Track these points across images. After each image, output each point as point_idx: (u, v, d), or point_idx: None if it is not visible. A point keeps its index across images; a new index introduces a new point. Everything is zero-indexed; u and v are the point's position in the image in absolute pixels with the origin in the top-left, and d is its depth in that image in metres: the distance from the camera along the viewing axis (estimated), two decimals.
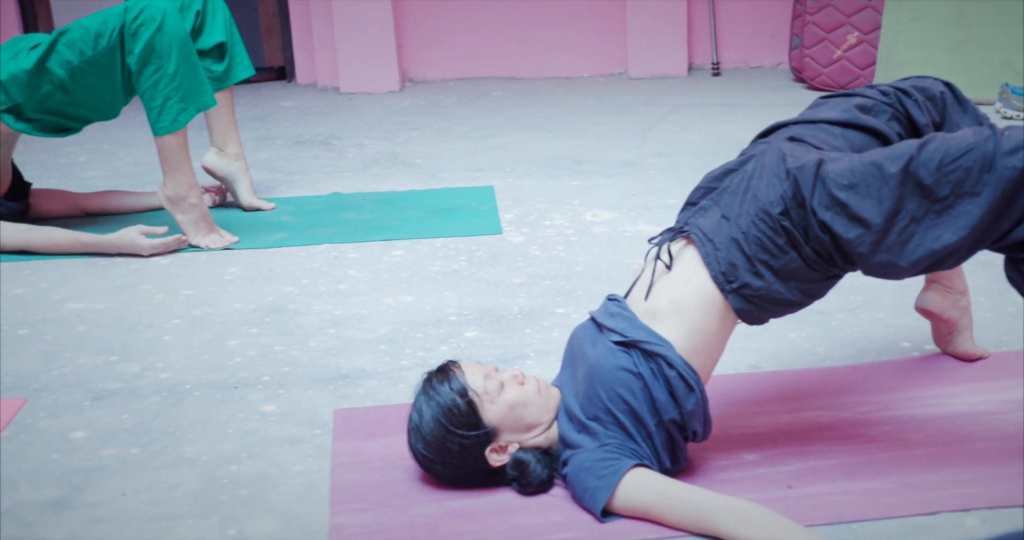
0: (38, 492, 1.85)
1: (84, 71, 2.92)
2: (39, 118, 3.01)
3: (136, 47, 2.88)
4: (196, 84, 2.98)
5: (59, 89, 2.94)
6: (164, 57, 2.89)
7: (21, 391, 2.23)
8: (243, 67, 3.32)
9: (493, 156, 3.95)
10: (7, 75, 2.93)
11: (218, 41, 3.24)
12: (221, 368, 2.31)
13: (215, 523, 1.75)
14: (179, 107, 2.94)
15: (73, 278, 2.86)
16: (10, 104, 2.96)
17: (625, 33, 5.14)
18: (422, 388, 1.81)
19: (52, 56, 2.91)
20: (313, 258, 2.97)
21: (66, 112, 3.04)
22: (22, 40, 3.04)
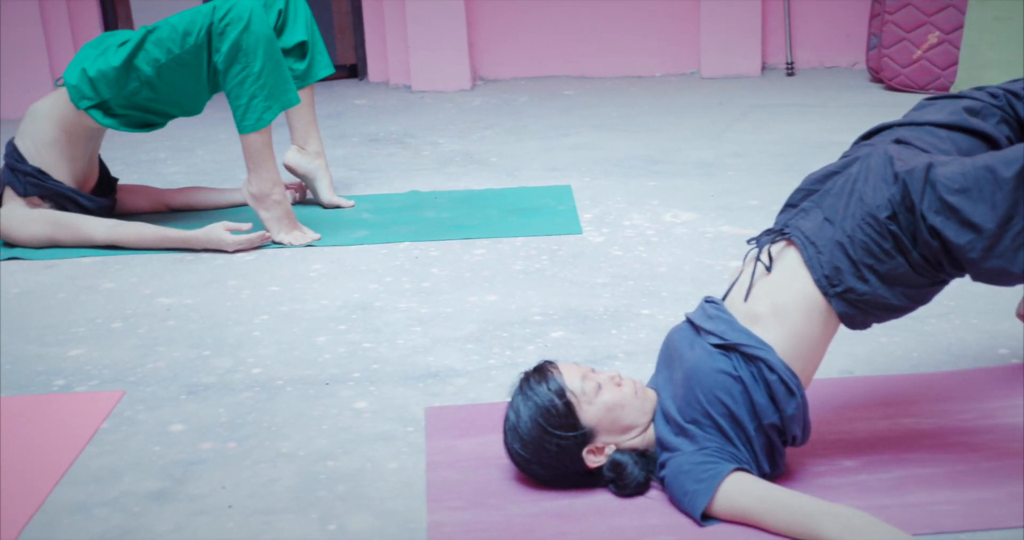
0: (141, 483, 1.88)
1: (171, 69, 2.97)
2: (126, 114, 3.07)
3: (223, 46, 2.92)
4: (281, 82, 3.01)
5: (146, 86, 3.00)
6: (250, 56, 2.93)
7: (119, 384, 2.27)
8: (323, 65, 3.35)
9: (568, 155, 3.95)
10: (96, 72, 2.99)
11: (300, 40, 3.28)
12: (311, 364, 2.33)
13: (315, 518, 1.77)
14: (264, 105, 2.98)
15: (161, 273, 2.91)
16: (98, 100, 3.02)
17: (698, 32, 5.11)
18: (519, 388, 1.81)
19: (140, 54, 2.97)
20: (395, 256, 2.99)
21: (152, 108, 3.09)
22: (109, 37, 3.10)
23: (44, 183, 3.08)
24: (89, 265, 2.98)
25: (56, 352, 2.42)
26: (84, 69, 3.01)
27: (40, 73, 4.88)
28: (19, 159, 3.07)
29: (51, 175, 3.09)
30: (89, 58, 3.03)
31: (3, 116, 4.87)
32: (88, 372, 2.32)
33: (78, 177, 3.17)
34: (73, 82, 3.02)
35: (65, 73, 3.05)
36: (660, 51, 5.21)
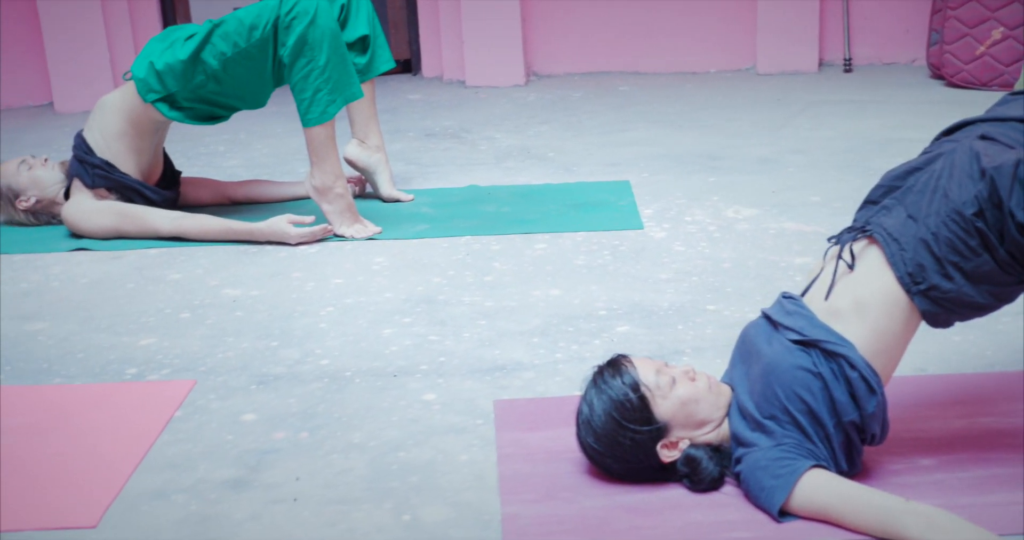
0: (217, 471, 1.90)
1: (237, 62, 3.00)
2: (191, 107, 3.10)
3: (289, 39, 2.94)
4: (345, 76, 3.03)
5: (212, 79, 3.03)
6: (316, 49, 2.95)
7: (189, 373, 2.30)
8: (384, 60, 3.36)
9: (626, 151, 3.94)
10: (163, 65, 3.03)
11: (362, 34, 3.29)
12: (378, 356, 2.34)
13: (389, 509, 1.78)
14: (328, 99, 3.00)
15: (226, 265, 2.94)
16: (165, 93, 3.05)
17: (754, 28, 5.07)
18: (592, 381, 1.81)
19: (207, 47, 3.00)
20: (456, 249, 3.00)
21: (217, 101, 3.12)
22: (175, 30, 3.14)
23: (111, 175, 3.12)
24: (155, 256, 3.01)
25: (127, 341, 2.46)
26: (151, 63, 3.04)
27: (100, 67, 4.95)
28: (87, 151, 3.12)
29: (118, 167, 3.13)
30: (156, 52, 3.06)
31: (62, 110, 4.94)
32: (159, 361, 2.35)
33: (144, 169, 3.20)
34: (140, 75, 3.05)
35: (133, 67, 3.09)
36: (715, 47, 5.17)
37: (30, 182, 3.26)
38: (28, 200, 3.25)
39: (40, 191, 3.26)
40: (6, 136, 4.50)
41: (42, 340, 2.48)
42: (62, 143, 4.31)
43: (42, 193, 3.26)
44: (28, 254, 3.06)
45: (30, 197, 3.25)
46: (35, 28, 4.94)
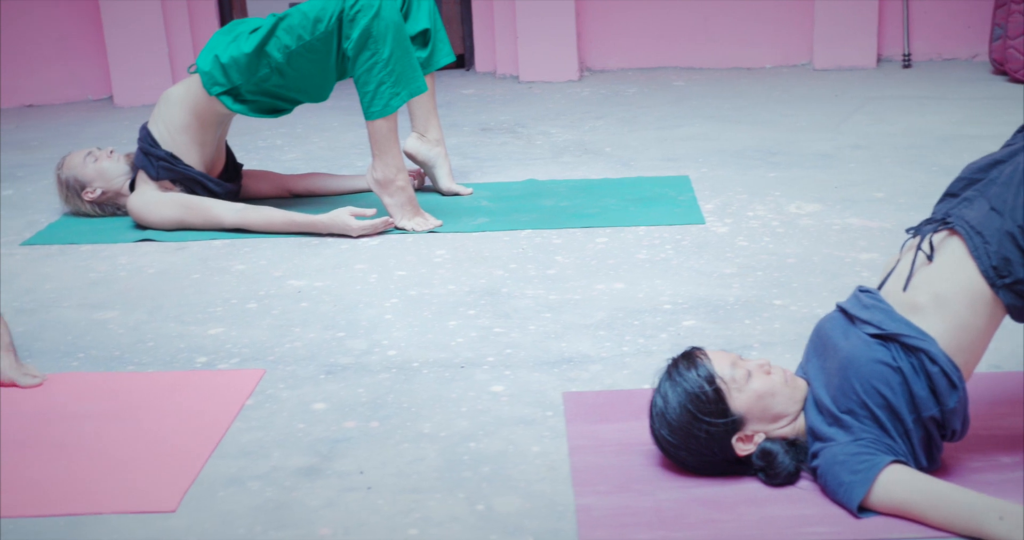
0: (290, 459, 1.92)
1: (301, 55, 3.02)
2: (255, 100, 3.13)
3: (354, 32, 2.96)
4: (409, 70, 3.04)
5: (276, 72, 3.05)
6: (380, 43, 2.96)
7: (258, 362, 2.31)
8: (444, 53, 3.37)
9: (683, 146, 3.92)
10: (228, 58, 3.05)
11: (423, 28, 3.30)
12: (445, 348, 2.35)
13: (462, 499, 1.78)
14: (391, 92, 3.01)
15: (289, 256, 2.96)
16: (229, 86, 3.08)
17: (811, 23, 5.02)
18: (667, 373, 1.80)
19: (271, 40, 3.02)
20: (517, 243, 3.00)
21: (280, 94, 3.14)
22: (240, 24, 3.16)
23: (175, 167, 3.15)
24: (219, 247, 3.04)
25: (196, 330, 2.48)
26: (216, 56, 3.07)
27: (159, 63, 5.00)
28: (152, 144, 3.15)
29: (182, 159, 3.16)
30: (221, 45, 3.09)
31: (121, 104, 5.00)
32: (228, 350, 2.37)
33: (207, 162, 3.24)
34: (206, 68, 3.08)
35: (198, 60, 3.12)
36: (771, 42, 5.13)
37: (96, 174, 3.30)
38: (94, 191, 3.29)
39: (105, 183, 3.30)
40: (68, 129, 4.57)
41: (113, 328, 2.51)
42: (121, 136, 4.37)
43: (107, 185, 3.30)
44: (95, 244, 3.11)
45: (96, 188, 3.29)
46: (96, 24, 5.00)
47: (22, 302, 2.69)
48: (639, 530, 1.67)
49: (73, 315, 2.60)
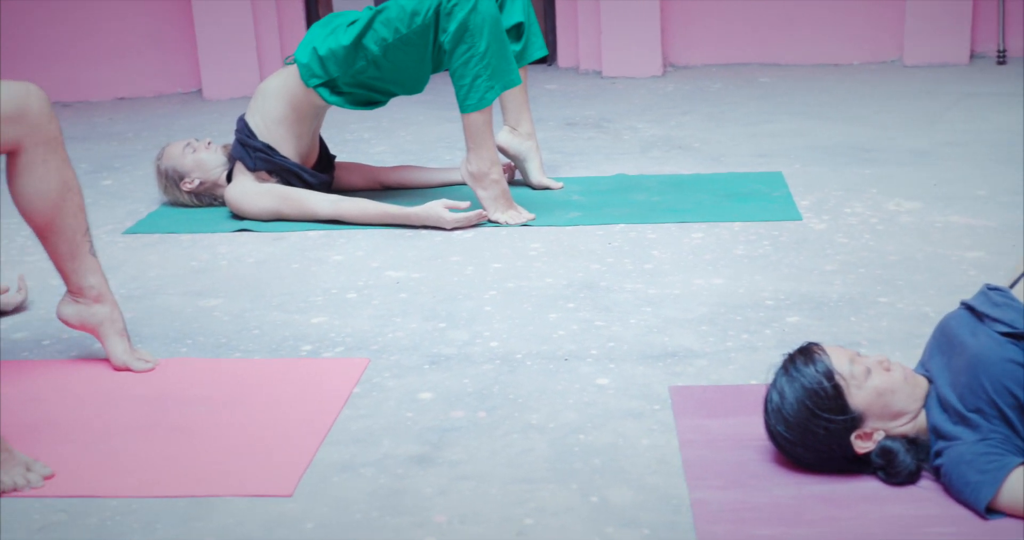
0: (401, 447, 1.93)
1: (397, 48, 3.04)
2: (351, 92, 3.16)
3: (451, 26, 2.97)
4: (504, 63, 3.05)
5: (372, 65, 3.07)
6: (476, 36, 2.97)
7: (362, 351, 2.34)
8: (537, 47, 3.37)
9: (773, 142, 3.88)
10: (326, 50, 3.08)
11: (517, 21, 3.30)
12: (547, 340, 2.35)
13: (575, 490, 1.78)
14: (487, 85, 3.02)
15: (384, 247, 2.98)
16: (326, 78, 3.11)
17: (902, 18, 4.94)
18: (783, 368, 1.78)
19: (368, 33, 3.04)
20: (611, 237, 2.99)
21: (376, 86, 3.17)
22: (337, 17, 3.19)
23: (272, 158, 3.19)
24: (315, 238, 3.08)
25: (299, 319, 2.51)
26: (315, 48, 3.10)
27: (247, 57, 5.07)
28: (250, 135, 3.19)
29: (278, 150, 3.20)
30: (319, 37, 3.12)
31: (209, 97, 5.08)
32: (332, 339, 2.40)
33: (302, 154, 3.27)
34: (304, 61, 3.12)
35: (296, 52, 3.16)
36: (859, 38, 5.06)
37: (194, 164, 3.35)
38: (192, 182, 3.35)
39: (203, 173, 3.35)
40: (159, 121, 4.65)
41: (218, 316, 2.55)
42: (212, 128, 4.44)
43: (205, 175, 3.35)
44: (194, 234, 3.16)
45: (194, 179, 3.35)
46: (187, 19, 5.08)
47: (128, 289, 2.74)
48: (758, 525, 1.65)
49: (178, 302, 2.64)
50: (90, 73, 5.11)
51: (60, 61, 5.08)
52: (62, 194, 2.11)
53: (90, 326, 2.23)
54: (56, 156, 2.10)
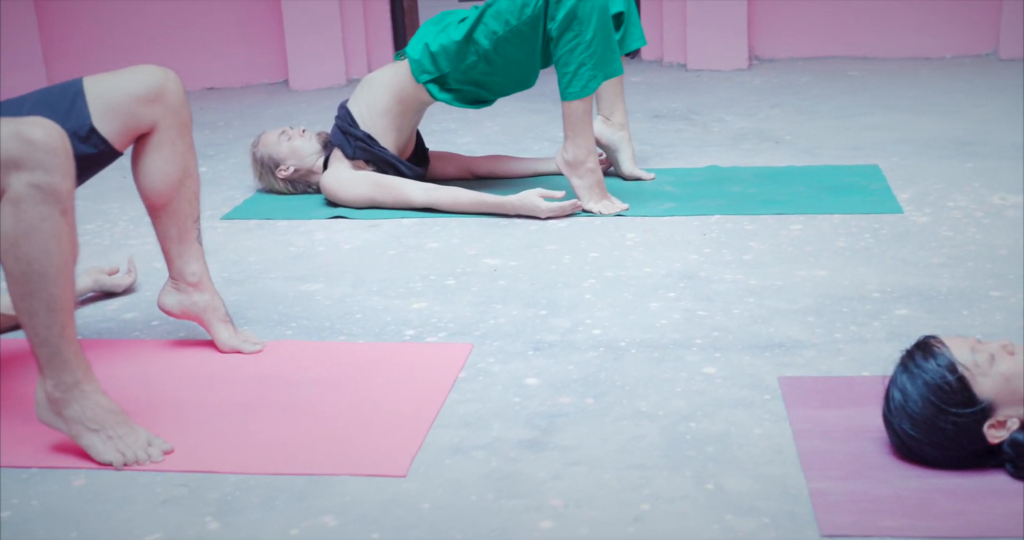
0: (511, 431, 1.93)
1: (508, 41, 3.03)
2: (461, 88, 3.16)
3: (559, 13, 2.96)
4: (609, 52, 3.03)
5: (483, 60, 3.07)
6: (584, 24, 2.95)
7: (465, 337, 2.34)
8: (636, 37, 3.35)
9: (867, 135, 3.81)
10: (437, 46, 3.09)
11: (617, 10, 3.28)
12: (650, 328, 2.34)
13: (689, 477, 1.77)
14: (590, 74, 3.01)
15: (479, 236, 2.99)
16: (437, 74, 3.12)
17: (998, 10, 4.83)
18: (902, 366, 1.75)
19: (479, 27, 3.04)
20: (708, 228, 2.96)
21: (486, 83, 3.15)
22: (449, 14, 3.20)
23: (372, 148, 3.21)
24: (409, 226, 3.09)
25: (400, 304, 2.53)
26: (426, 44, 3.12)
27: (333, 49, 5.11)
28: (351, 123, 3.22)
29: (379, 141, 3.22)
30: (431, 34, 3.13)
31: (296, 87, 5.14)
32: (435, 324, 2.41)
33: (400, 146, 3.29)
34: (415, 57, 3.13)
35: (407, 48, 3.17)
36: (952, 30, 4.95)
37: (289, 152, 3.39)
38: (287, 169, 3.38)
39: (298, 161, 3.39)
40: (248, 111, 4.72)
41: (320, 300, 2.58)
42: (299, 118, 4.49)
43: (300, 163, 3.39)
44: (290, 220, 3.19)
45: (289, 166, 3.38)
46: (275, 10, 5.14)
47: (230, 272, 2.78)
48: (881, 517, 1.62)
49: (280, 286, 2.67)
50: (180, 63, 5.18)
51: (151, 51, 5.17)
52: (182, 178, 2.15)
53: (192, 314, 2.26)
54: (184, 141, 2.14)
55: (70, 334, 1.80)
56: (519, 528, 1.64)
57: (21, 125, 1.73)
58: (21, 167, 1.71)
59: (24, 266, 1.73)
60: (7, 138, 1.71)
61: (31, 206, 1.71)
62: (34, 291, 1.75)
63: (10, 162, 1.71)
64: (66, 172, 1.74)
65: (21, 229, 1.72)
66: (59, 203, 1.74)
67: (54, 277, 1.75)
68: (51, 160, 1.71)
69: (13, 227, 1.72)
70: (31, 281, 1.75)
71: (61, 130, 1.75)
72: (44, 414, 1.87)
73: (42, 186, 1.71)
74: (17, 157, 1.70)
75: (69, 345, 1.81)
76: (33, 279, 1.74)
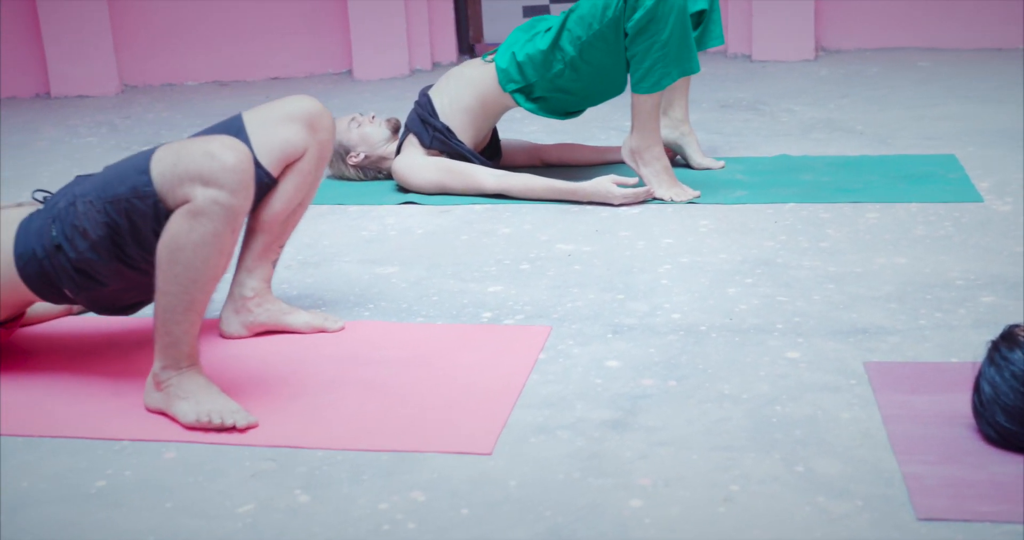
0: (594, 412, 1.93)
1: (592, 45, 3.01)
2: (547, 97, 3.15)
3: (637, 14, 2.94)
4: (685, 51, 3.01)
5: (569, 67, 3.06)
6: (661, 24, 2.93)
7: (543, 319, 2.34)
8: (715, 36, 3.29)
9: (942, 125, 3.75)
10: (523, 56, 3.09)
11: (700, 8, 3.24)
12: (729, 313, 2.32)
13: (778, 459, 1.75)
14: (663, 71, 2.99)
15: (551, 222, 2.98)
16: (524, 83, 3.12)
17: None
18: (988, 358, 1.72)
19: (564, 34, 3.04)
20: (782, 215, 2.93)
21: (574, 90, 3.14)
22: (539, 22, 3.20)
23: (449, 141, 3.21)
24: (480, 212, 3.09)
25: (476, 288, 2.53)
26: (513, 53, 3.12)
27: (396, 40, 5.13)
28: (432, 113, 3.22)
29: (456, 135, 3.22)
30: (519, 43, 3.14)
31: (359, 77, 5.17)
32: (511, 307, 2.41)
33: (476, 143, 3.29)
34: (503, 65, 3.13)
35: (496, 56, 3.17)
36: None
37: (360, 139, 3.40)
38: (357, 156, 3.40)
39: (368, 147, 3.40)
40: None
41: (396, 283, 2.58)
42: (362, 107, 4.50)
43: (371, 149, 3.40)
44: (361, 206, 3.21)
45: (359, 153, 3.40)
46: (341, 2, 5.17)
47: (305, 255, 2.80)
48: (979, 502, 1.59)
49: (355, 270, 2.69)
50: (246, 54, 5.25)
51: (217, 41, 5.22)
52: (298, 209, 2.24)
53: (259, 326, 2.28)
54: (318, 172, 2.23)
55: (195, 331, 1.90)
56: (609, 506, 1.63)
57: (214, 144, 1.84)
58: (208, 183, 1.81)
59: (179, 270, 1.83)
60: (201, 155, 1.82)
61: (208, 221, 1.81)
62: (179, 292, 1.85)
63: (198, 177, 1.81)
64: (247, 194, 1.85)
65: (191, 239, 1.82)
66: (234, 222, 1.84)
67: (202, 285, 1.85)
68: (237, 182, 1.82)
69: (184, 235, 1.82)
70: (180, 283, 1.84)
71: (249, 154, 1.86)
72: (150, 398, 1.94)
73: (224, 204, 1.81)
74: (207, 174, 1.81)
75: (191, 340, 1.90)
76: (183, 282, 1.84)
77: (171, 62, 5.21)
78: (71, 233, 1.93)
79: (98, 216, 1.91)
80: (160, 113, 4.71)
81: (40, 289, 2.01)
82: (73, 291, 1.99)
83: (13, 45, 5.13)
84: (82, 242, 1.93)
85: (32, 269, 1.98)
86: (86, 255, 1.93)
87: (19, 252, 1.98)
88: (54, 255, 1.95)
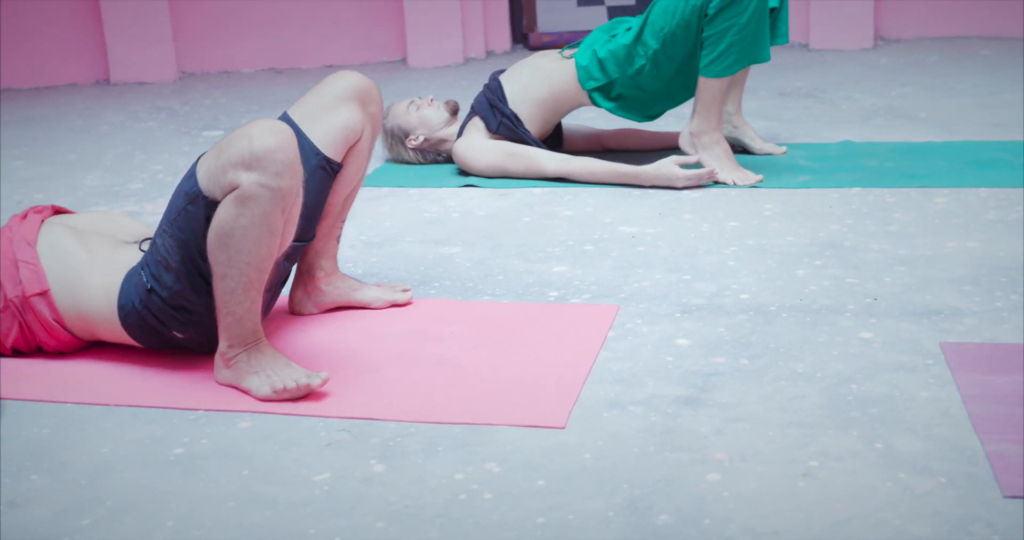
0: (666, 388, 1.91)
1: (675, 36, 3.00)
2: (626, 94, 3.13)
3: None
4: (760, 38, 2.99)
5: (650, 62, 3.04)
6: (742, 6, 2.91)
7: (609, 299, 2.32)
8: (781, 34, 3.22)
9: (1007, 112, 3.69)
10: (605, 52, 3.09)
11: (773, 5, 3.20)
12: (799, 294, 2.29)
13: (856, 437, 1.72)
14: (735, 57, 2.97)
15: (614, 205, 2.97)
16: (604, 81, 3.11)
17: None
18: None
19: (647, 28, 3.02)
20: (848, 200, 2.90)
21: (652, 89, 3.12)
22: (621, 22, 3.20)
23: (516, 128, 3.21)
24: (541, 195, 3.08)
25: (540, 268, 2.52)
26: (594, 51, 3.12)
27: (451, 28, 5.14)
28: (502, 98, 3.21)
29: (523, 123, 3.21)
30: (600, 41, 3.13)
31: (413, 65, 5.18)
32: (577, 287, 2.40)
33: (541, 133, 3.29)
34: (583, 63, 3.13)
35: (576, 54, 3.16)
36: None
37: (419, 122, 3.41)
38: (417, 139, 3.40)
39: (428, 130, 3.40)
40: None
41: (460, 262, 2.58)
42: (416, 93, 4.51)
43: (430, 132, 3.40)
44: (421, 188, 3.21)
45: (419, 135, 3.40)
46: None
47: (368, 236, 2.81)
48: None
49: (419, 249, 2.69)
50: (301, 41, 5.28)
51: (273, 29, 5.26)
52: (356, 186, 2.22)
53: (330, 303, 2.28)
54: (371, 147, 2.20)
55: (257, 307, 1.90)
56: (686, 479, 1.62)
57: (255, 129, 1.82)
58: (252, 168, 1.80)
59: (232, 254, 1.83)
60: (242, 141, 1.80)
61: (256, 205, 1.80)
62: (236, 275, 1.84)
63: (240, 162, 1.80)
64: (294, 173, 1.83)
65: (241, 224, 1.81)
66: (283, 202, 1.82)
67: (257, 264, 1.84)
68: (280, 163, 1.80)
69: (233, 220, 1.81)
70: (235, 266, 1.84)
71: (291, 133, 1.83)
72: (220, 374, 1.95)
73: (271, 187, 1.80)
74: (250, 159, 1.79)
75: (254, 316, 1.90)
76: (238, 265, 1.84)
77: (227, 50, 5.25)
78: (157, 271, 1.92)
79: (170, 240, 1.90)
80: (218, 99, 4.75)
81: (145, 340, 2.01)
82: (180, 331, 1.97)
83: (75, 33, 5.20)
84: (167, 275, 1.91)
85: (133, 320, 1.97)
86: (175, 288, 1.91)
87: (120, 303, 1.98)
88: (148, 300, 1.94)
